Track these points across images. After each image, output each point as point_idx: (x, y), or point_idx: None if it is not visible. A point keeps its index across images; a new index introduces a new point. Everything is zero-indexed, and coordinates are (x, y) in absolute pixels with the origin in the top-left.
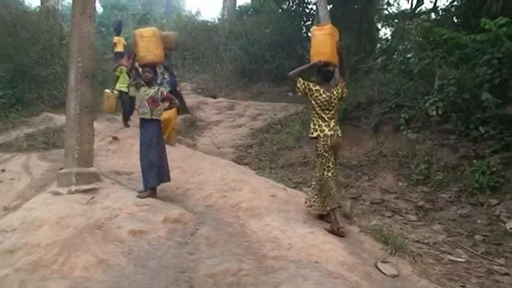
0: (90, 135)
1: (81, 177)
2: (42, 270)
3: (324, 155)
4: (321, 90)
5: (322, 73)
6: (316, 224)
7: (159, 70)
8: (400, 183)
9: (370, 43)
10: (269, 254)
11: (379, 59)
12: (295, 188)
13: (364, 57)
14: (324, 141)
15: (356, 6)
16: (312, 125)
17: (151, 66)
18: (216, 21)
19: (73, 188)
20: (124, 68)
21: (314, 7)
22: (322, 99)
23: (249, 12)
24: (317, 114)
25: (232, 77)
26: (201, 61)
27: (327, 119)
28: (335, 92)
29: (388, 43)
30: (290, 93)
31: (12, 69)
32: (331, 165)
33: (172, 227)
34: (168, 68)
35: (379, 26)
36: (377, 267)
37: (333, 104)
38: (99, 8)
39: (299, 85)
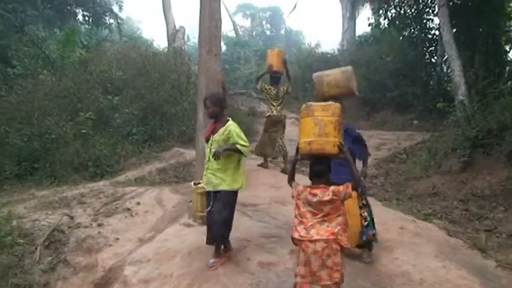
0: None
1: None
2: None
3: (268, 126)
4: (271, 88)
5: (272, 78)
6: (448, 257)
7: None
8: None
9: (498, 66)
10: None
11: (509, 83)
12: (425, 220)
13: (492, 82)
14: (269, 117)
15: (481, 30)
16: (267, 109)
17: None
18: (336, 52)
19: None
20: None
21: (437, 32)
22: (272, 94)
23: (369, 41)
24: (270, 103)
25: (354, 106)
26: None
27: (276, 105)
28: (282, 90)
29: None
30: (415, 122)
31: (144, 107)
32: (272, 134)
33: None
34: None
35: (507, 48)
36: None
37: (280, 97)
38: (222, 46)
39: (258, 86)
